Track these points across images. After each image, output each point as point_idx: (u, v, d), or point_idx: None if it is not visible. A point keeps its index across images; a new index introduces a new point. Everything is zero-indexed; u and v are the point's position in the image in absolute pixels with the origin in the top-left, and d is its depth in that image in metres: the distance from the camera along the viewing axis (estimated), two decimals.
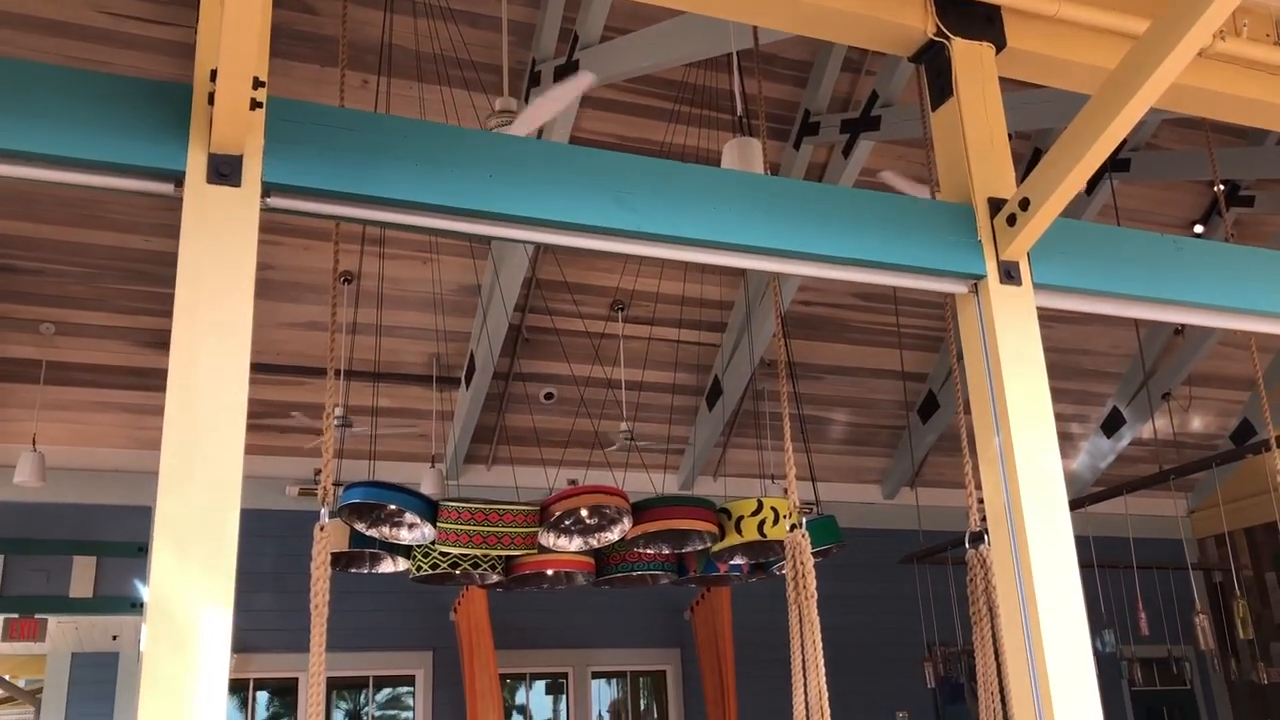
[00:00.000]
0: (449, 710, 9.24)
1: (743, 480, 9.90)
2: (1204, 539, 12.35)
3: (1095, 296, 3.72)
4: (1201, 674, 11.71)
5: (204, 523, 2.46)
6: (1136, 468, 10.89)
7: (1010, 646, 3.51)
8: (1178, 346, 10.67)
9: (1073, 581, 3.37)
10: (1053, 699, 3.28)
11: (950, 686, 10.71)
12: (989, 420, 3.46)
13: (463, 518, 5.67)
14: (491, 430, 9.68)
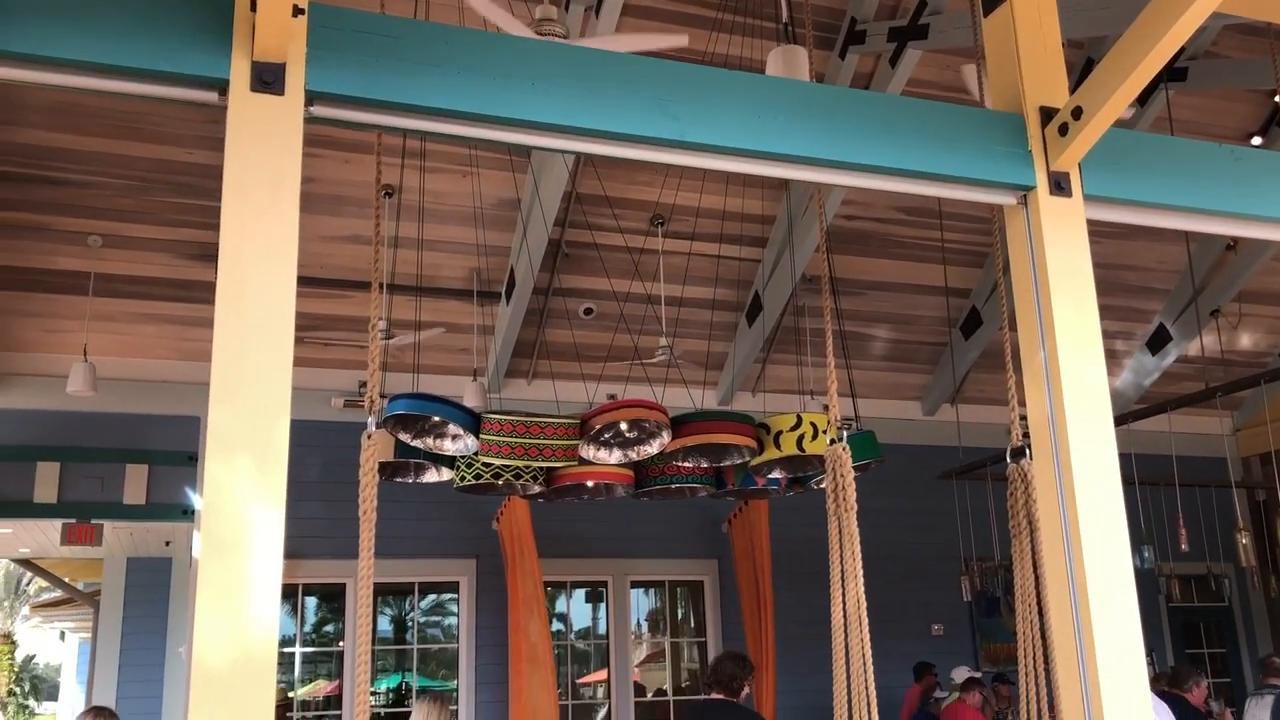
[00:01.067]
0: (491, 616, 9.46)
1: (782, 396, 9.91)
2: (1248, 457, 12.24)
3: (1147, 208, 3.64)
4: (1240, 591, 11.71)
5: (255, 429, 2.50)
6: (1181, 385, 10.76)
7: (1049, 560, 3.52)
8: (1229, 262, 10.44)
9: (1115, 496, 3.36)
10: (1091, 612, 3.29)
11: (986, 600, 10.79)
12: (1034, 334, 3.42)
13: (504, 430, 5.73)
14: (532, 345, 9.73)
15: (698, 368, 9.80)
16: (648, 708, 10.49)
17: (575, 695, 10.33)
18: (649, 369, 8.89)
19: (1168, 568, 9.96)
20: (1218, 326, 10.78)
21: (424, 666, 10.12)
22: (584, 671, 10.58)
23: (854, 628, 3.77)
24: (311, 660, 9.92)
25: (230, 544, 2.43)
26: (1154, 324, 11.09)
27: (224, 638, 2.41)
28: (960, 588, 9.94)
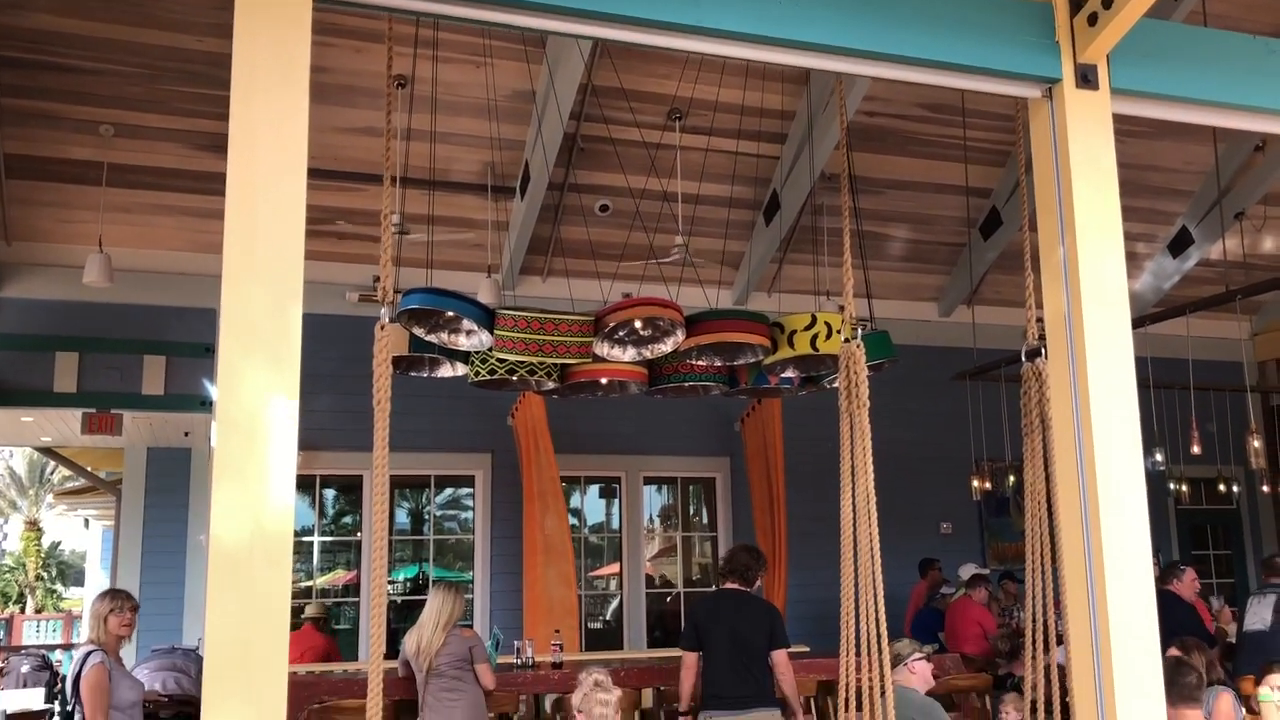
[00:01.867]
0: (507, 510, 9.61)
1: (798, 296, 9.86)
2: (1265, 362, 12.19)
3: (1177, 103, 3.55)
4: (1249, 495, 11.78)
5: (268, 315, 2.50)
6: (1200, 289, 10.66)
7: (1060, 459, 3.52)
8: (1257, 163, 10.24)
9: (1129, 394, 3.35)
10: (1100, 512, 3.31)
11: (995, 500, 10.89)
12: (1055, 231, 3.38)
13: (519, 326, 5.73)
14: (546, 242, 9.68)
15: (713, 267, 9.75)
16: (659, 599, 10.71)
17: (589, 587, 10.55)
18: (664, 268, 8.84)
19: (1178, 471, 10.00)
20: (1241, 229, 10.63)
21: (441, 558, 10.33)
22: (597, 565, 10.78)
23: (863, 522, 3.81)
24: (330, 550, 10.14)
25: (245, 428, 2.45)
26: (1176, 226, 10.94)
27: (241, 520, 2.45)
28: (970, 488, 10.02)
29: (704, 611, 5.79)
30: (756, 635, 5.57)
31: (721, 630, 5.57)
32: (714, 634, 5.58)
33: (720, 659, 5.54)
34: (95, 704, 4.89)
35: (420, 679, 5.82)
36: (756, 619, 5.62)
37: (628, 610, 10.28)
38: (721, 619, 5.63)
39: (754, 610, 5.70)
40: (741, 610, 5.67)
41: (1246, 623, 6.91)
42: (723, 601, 5.74)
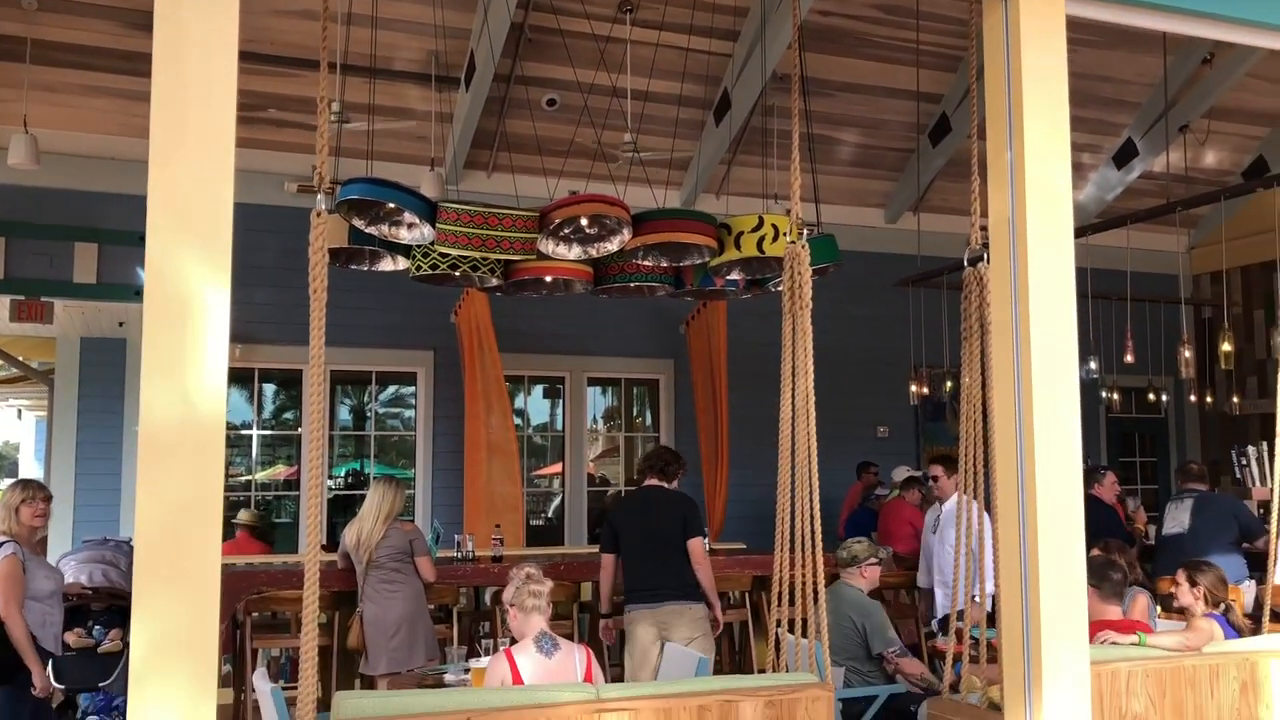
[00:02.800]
0: (449, 407, 9.59)
1: (746, 199, 9.80)
2: (1200, 275, 12.43)
3: (1129, 7, 3.53)
4: (1177, 404, 12.10)
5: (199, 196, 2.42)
6: (1142, 201, 10.77)
7: (998, 362, 3.57)
8: (1204, 76, 10.28)
9: (1068, 298, 3.38)
10: (1034, 415, 3.37)
11: (931, 405, 11.08)
12: (1003, 133, 3.36)
13: (462, 220, 5.63)
14: (492, 136, 9.49)
15: (662, 167, 9.63)
16: (600, 497, 10.84)
17: (531, 485, 10.63)
18: (612, 166, 8.72)
19: (1110, 379, 10.22)
20: (1185, 143, 10.72)
21: (383, 455, 10.32)
22: (540, 465, 10.85)
23: (801, 421, 3.85)
24: (270, 445, 10.07)
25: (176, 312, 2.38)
26: (1122, 138, 10.99)
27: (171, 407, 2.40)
28: (907, 392, 10.18)
29: (619, 510, 5.89)
30: (672, 527, 5.62)
31: (638, 525, 5.64)
32: (631, 530, 5.64)
33: (637, 554, 5.60)
34: (8, 594, 4.84)
35: (360, 571, 5.85)
36: (671, 510, 5.68)
37: (569, 508, 10.39)
38: (637, 514, 5.71)
39: (668, 502, 5.77)
40: (659, 504, 5.74)
41: (1165, 527, 7.15)
42: (640, 499, 5.81)
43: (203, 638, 2.49)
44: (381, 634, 5.72)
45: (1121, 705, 3.92)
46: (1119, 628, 4.39)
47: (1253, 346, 11.82)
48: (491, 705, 3.25)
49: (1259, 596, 5.33)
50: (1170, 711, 4.00)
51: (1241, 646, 4.36)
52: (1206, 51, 9.82)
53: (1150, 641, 4.20)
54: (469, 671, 4.54)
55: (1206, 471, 7.41)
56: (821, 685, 3.62)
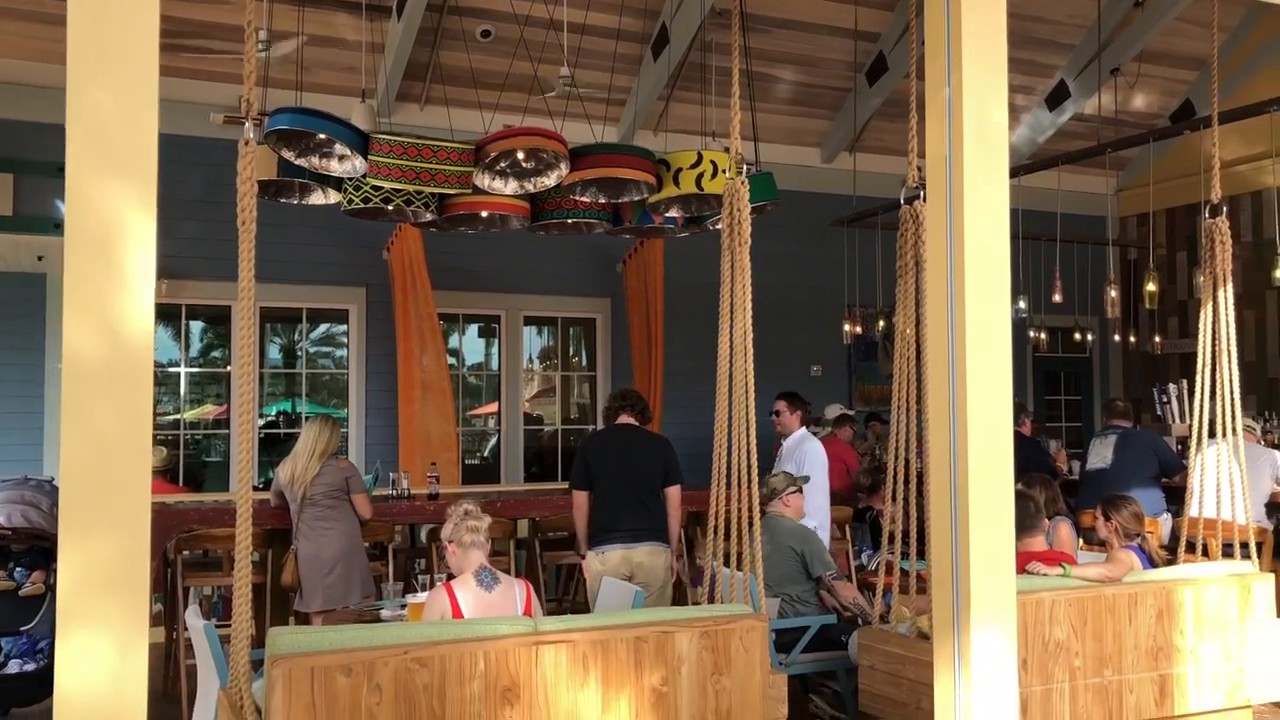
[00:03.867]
0: (382, 345, 9.48)
1: (684, 136, 9.73)
2: (1127, 217, 12.67)
3: None
4: (1101, 344, 12.39)
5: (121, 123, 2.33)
6: (1073, 144, 10.91)
7: (932, 299, 3.61)
8: (1135, 19, 10.39)
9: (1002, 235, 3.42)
10: (967, 350, 3.42)
11: (864, 345, 11.22)
12: (942, 69, 3.36)
13: (395, 152, 5.52)
14: (425, 67, 9.28)
15: (599, 102, 9.51)
16: (536, 436, 10.84)
17: (466, 424, 10.59)
18: (548, 100, 8.59)
19: (1038, 320, 10.42)
20: (1115, 86, 10.85)
21: (315, 394, 10.19)
22: (475, 405, 10.80)
23: (739, 358, 3.87)
24: (199, 383, 9.89)
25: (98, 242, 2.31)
26: (1055, 80, 11.09)
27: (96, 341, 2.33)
28: (841, 332, 10.29)
29: (596, 448, 5.65)
30: (653, 469, 5.49)
31: (616, 465, 5.46)
32: (608, 469, 5.46)
33: (614, 493, 5.42)
34: None
35: (294, 508, 5.80)
36: (653, 453, 5.54)
37: (505, 447, 10.38)
38: (616, 453, 5.53)
39: (651, 444, 5.63)
40: (638, 444, 5.58)
41: (1089, 462, 7.35)
42: (617, 437, 5.65)
43: (133, 576, 2.45)
44: (316, 571, 5.69)
45: (1045, 633, 4.05)
46: (1045, 559, 4.52)
47: (1175, 288, 12.11)
48: (430, 638, 3.26)
49: (1175, 529, 5.52)
50: (1091, 638, 4.14)
51: (1158, 576, 4.52)
52: None
53: (1074, 572, 4.33)
54: (405, 607, 4.54)
55: (1131, 409, 7.61)
56: (755, 616, 3.68)
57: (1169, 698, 4.29)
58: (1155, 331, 11.50)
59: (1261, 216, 11.04)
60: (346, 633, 3.24)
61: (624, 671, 3.39)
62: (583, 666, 3.34)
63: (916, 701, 3.94)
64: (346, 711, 3.05)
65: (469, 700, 3.19)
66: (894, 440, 4.52)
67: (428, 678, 3.15)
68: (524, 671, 3.26)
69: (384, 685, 3.09)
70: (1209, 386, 4.88)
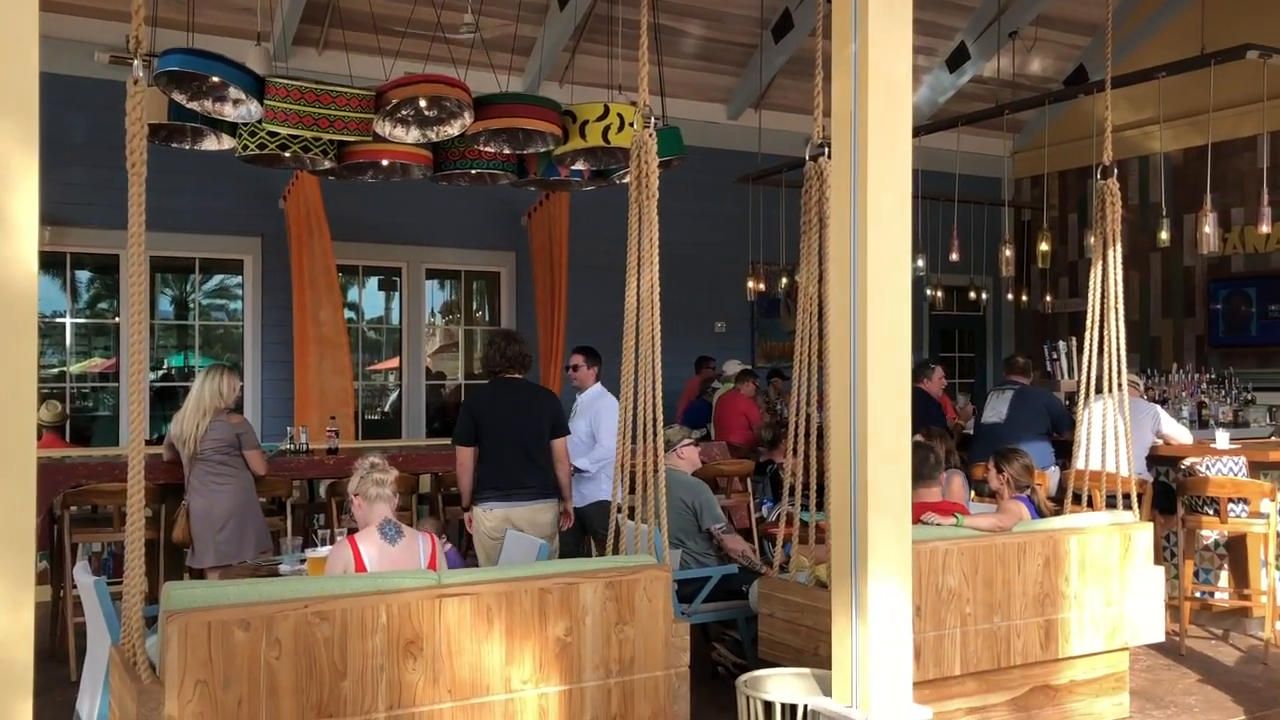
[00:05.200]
0: (278, 297, 9.25)
1: (590, 89, 9.63)
2: (1022, 179, 13.00)
3: None
4: (994, 302, 12.74)
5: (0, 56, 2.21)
6: (972, 106, 11.12)
7: (835, 255, 3.65)
8: None
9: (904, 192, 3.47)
10: (868, 306, 3.47)
11: (767, 302, 11.34)
12: (848, 24, 3.38)
13: (292, 96, 5.35)
14: (324, 10, 9.00)
15: (504, 51, 9.36)
16: (438, 391, 10.73)
17: (366, 379, 10.43)
18: (452, 48, 8.41)
19: (935, 278, 10.65)
20: (1014, 49, 11.07)
21: (209, 348, 9.91)
22: (376, 359, 10.64)
23: (646, 312, 3.87)
24: (85, 335, 9.53)
25: None
26: (956, 42, 11.27)
27: None
28: (745, 289, 10.37)
29: (483, 404, 5.48)
30: (541, 424, 5.41)
31: (504, 420, 5.36)
32: (496, 425, 5.35)
33: (503, 449, 5.32)
34: None
35: (186, 463, 5.64)
36: (541, 408, 5.46)
37: (406, 403, 10.26)
38: (503, 409, 5.40)
39: (539, 399, 5.55)
40: (525, 399, 5.48)
41: (984, 416, 7.55)
42: (503, 392, 5.49)
43: (18, 532, 2.35)
44: (208, 527, 5.56)
45: (939, 581, 4.18)
46: (940, 509, 4.65)
47: (1066, 248, 12.49)
48: (332, 592, 3.21)
49: (1063, 481, 5.72)
50: (982, 585, 4.28)
51: (1046, 526, 4.69)
52: None
53: (966, 522, 4.47)
54: (305, 562, 4.47)
55: (1030, 366, 7.83)
56: (659, 566, 3.71)
57: (1054, 641, 4.47)
58: (1047, 291, 11.86)
59: (1148, 180, 11.44)
60: (245, 587, 3.18)
61: (528, 623, 3.40)
62: (486, 619, 3.33)
63: (814, 648, 4.03)
64: (245, 666, 2.99)
65: (371, 653, 3.16)
66: (795, 395, 4.58)
67: (328, 631, 3.11)
68: (427, 624, 3.24)
69: (283, 639, 3.04)
70: (1096, 344, 5.05)
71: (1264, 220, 7.20)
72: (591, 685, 3.49)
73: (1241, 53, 6.52)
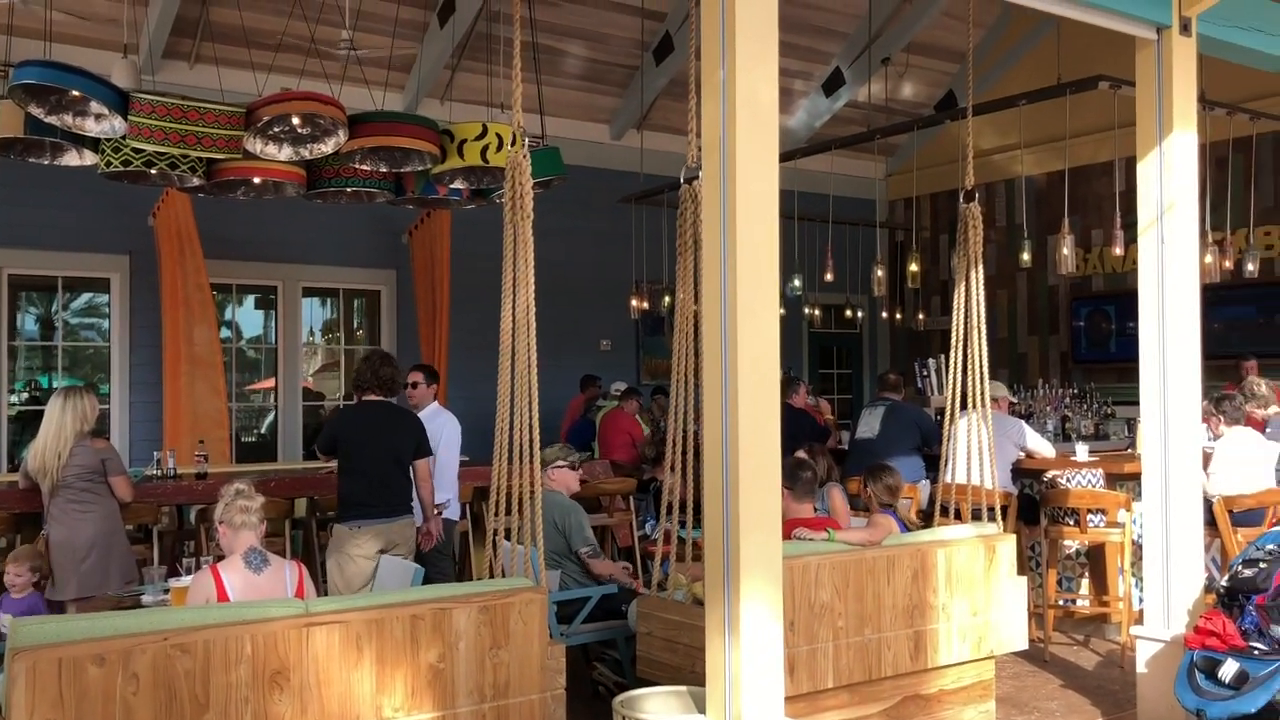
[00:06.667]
0: (148, 317, 8.95)
1: (471, 107, 9.60)
2: (895, 201, 13.38)
3: None
4: (870, 320, 13.07)
5: None
6: (847, 129, 11.42)
7: (708, 276, 3.71)
8: (905, 12, 10.96)
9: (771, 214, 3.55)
10: (739, 325, 3.54)
11: (651, 320, 11.42)
12: (717, 52, 3.45)
13: (158, 113, 5.23)
14: (195, 24, 8.78)
15: (381, 68, 9.25)
16: (316, 412, 10.51)
17: (243, 400, 10.15)
18: (327, 64, 8.29)
19: (813, 297, 10.88)
20: (886, 75, 11.42)
21: (76, 369, 9.53)
22: (254, 379, 10.37)
23: (522, 333, 3.86)
24: None
25: None
26: (831, 67, 11.57)
27: None
28: (629, 307, 10.44)
29: (347, 424, 5.59)
30: (405, 446, 5.53)
31: (369, 442, 5.45)
32: (360, 446, 5.44)
33: (368, 470, 5.42)
34: None
35: (46, 492, 5.39)
36: (406, 431, 5.57)
37: (283, 424, 10.02)
38: (368, 431, 5.49)
39: (403, 422, 5.64)
40: (389, 422, 5.57)
41: (858, 432, 7.73)
42: (367, 413, 5.57)
43: None
44: (70, 558, 5.31)
45: (811, 595, 4.25)
46: (811, 525, 4.74)
47: (937, 268, 12.90)
48: (192, 624, 3.11)
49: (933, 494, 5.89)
50: (853, 599, 4.38)
51: (914, 539, 4.82)
52: None
53: (838, 537, 4.56)
54: (169, 592, 4.32)
55: (902, 383, 8.05)
56: (534, 589, 3.70)
57: (923, 652, 4.59)
58: (919, 309, 12.22)
59: (1014, 203, 11.90)
60: (99, 620, 3.05)
61: (400, 650, 3.35)
62: (356, 647, 3.27)
63: (691, 665, 4.06)
64: (99, 704, 2.88)
65: (235, 685, 3.07)
66: (673, 412, 4.63)
67: (189, 664, 3.01)
68: (294, 654, 3.17)
69: (141, 674, 2.94)
70: (961, 362, 5.23)
71: (1117, 242, 7.57)
72: (465, 711, 3.45)
73: (1094, 83, 6.85)
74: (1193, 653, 4.37)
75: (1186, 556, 4.87)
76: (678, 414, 4.68)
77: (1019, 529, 6.30)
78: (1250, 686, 4.18)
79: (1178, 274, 4.94)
